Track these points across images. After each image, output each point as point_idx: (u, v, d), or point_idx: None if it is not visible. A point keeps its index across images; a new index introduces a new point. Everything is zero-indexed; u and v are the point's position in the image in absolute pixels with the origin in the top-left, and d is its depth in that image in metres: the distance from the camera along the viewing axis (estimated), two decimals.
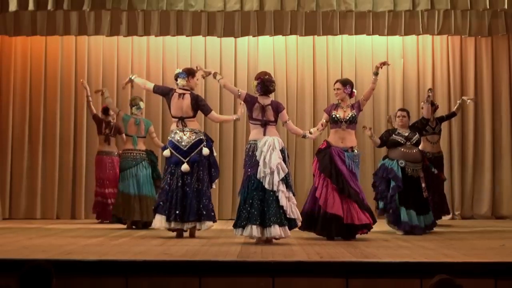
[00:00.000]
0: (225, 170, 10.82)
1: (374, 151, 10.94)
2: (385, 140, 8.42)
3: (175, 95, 7.70)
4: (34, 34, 10.61)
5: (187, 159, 7.55)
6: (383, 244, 6.95)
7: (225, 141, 11.20)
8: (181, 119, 7.67)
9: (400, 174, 8.12)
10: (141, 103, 9.17)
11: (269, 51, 11.31)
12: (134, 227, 8.87)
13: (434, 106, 9.64)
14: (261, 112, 7.10)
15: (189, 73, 7.83)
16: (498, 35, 10.87)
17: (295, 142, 11.00)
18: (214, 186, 7.92)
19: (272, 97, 7.40)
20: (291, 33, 10.65)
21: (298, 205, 7.18)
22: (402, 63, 11.38)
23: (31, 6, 8.93)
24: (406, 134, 8.36)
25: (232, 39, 11.03)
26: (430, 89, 9.14)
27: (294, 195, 7.06)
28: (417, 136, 8.42)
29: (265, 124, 7.09)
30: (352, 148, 7.63)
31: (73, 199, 11.04)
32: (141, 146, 9.04)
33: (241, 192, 7.04)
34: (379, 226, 8.52)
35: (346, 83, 7.81)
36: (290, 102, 11.03)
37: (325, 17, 10.45)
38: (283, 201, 6.86)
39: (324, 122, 7.83)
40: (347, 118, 7.63)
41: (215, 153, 7.83)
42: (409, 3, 8.96)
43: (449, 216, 10.56)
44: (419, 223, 8.13)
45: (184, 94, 7.70)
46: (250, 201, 6.89)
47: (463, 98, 9.90)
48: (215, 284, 5.15)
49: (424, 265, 5.23)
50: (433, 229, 8.37)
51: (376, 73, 7.82)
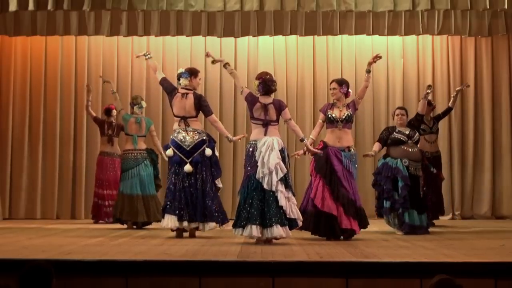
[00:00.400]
0: (225, 170, 10.77)
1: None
2: (385, 138, 8.39)
3: (178, 95, 7.69)
4: (34, 34, 10.60)
5: (190, 159, 7.56)
6: (383, 244, 6.95)
7: (225, 141, 11.12)
8: (184, 119, 7.66)
9: (406, 173, 8.09)
10: (142, 102, 9.18)
11: (269, 51, 11.31)
12: (134, 226, 8.88)
13: (431, 106, 9.64)
14: (263, 111, 7.08)
15: (192, 73, 7.82)
16: (498, 35, 10.87)
17: (295, 142, 10.94)
18: (221, 185, 7.85)
19: (273, 96, 7.40)
20: (291, 33, 10.65)
21: (298, 205, 7.18)
22: (402, 63, 11.39)
23: (31, 6, 8.93)
24: (407, 133, 8.33)
25: (232, 39, 11.03)
26: (429, 86, 9.09)
27: (294, 195, 7.05)
28: (417, 134, 8.41)
29: (266, 124, 7.07)
30: (348, 148, 7.62)
31: (73, 199, 11.04)
32: (141, 145, 9.02)
33: (241, 192, 7.04)
34: (379, 226, 8.53)
35: (342, 82, 7.82)
36: (290, 102, 11.00)
37: (325, 17, 10.44)
38: (282, 201, 6.86)
39: (320, 122, 7.83)
40: (343, 117, 7.62)
41: (217, 153, 7.82)
42: (409, 3, 8.95)
43: (447, 217, 10.55)
44: (421, 223, 8.11)
45: (187, 93, 7.70)
46: (250, 201, 6.89)
47: (456, 89, 9.85)
48: (215, 284, 5.15)
49: (424, 265, 5.23)
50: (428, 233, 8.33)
51: (369, 71, 7.85)
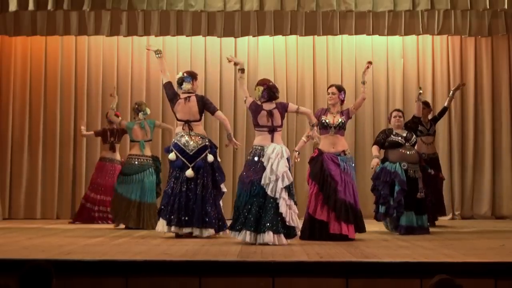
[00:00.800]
0: (225, 170, 10.73)
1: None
2: (382, 141, 8.34)
3: (180, 100, 7.71)
4: (34, 34, 10.59)
5: (192, 164, 7.57)
6: (383, 244, 6.95)
7: (225, 141, 11.13)
8: (188, 123, 7.68)
9: (404, 177, 8.07)
10: (147, 109, 9.16)
11: (269, 51, 11.31)
12: (125, 228, 8.82)
13: (429, 108, 9.63)
14: (269, 117, 7.10)
15: (193, 76, 7.87)
16: (498, 35, 10.86)
17: (295, 145, 10.90)
18: (225, 190, 7.86)
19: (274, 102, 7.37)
20: (291, 33, 10.64)
21: (298, 209, 7.13)
22: (402, 63, 11.38)
23: (31, 6, 8.92)
24: (404, 135, 8.31)
25: (232, 39, 11.02)
26: (420, 87, 9.24)
27: (296, 204, 7.02)
28: (414, 137, 8.40)
29: (273, 130, 7.09)
30: (344, 152, 7.61)
31: (73, 199, 11.02)
32: (148, 152, 9.02)
33: (241, 195, 6.99)
34: (379, 226, 8.52)
35: (341, 89, 7.86)
36: (290, 102, 10.98)
37: (325, 17, 10.44)
38: (283, 209, 6.81)
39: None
40: (336, 124, 7.62)
41: (219, 159, 7.85)
42: (409, 3, 8.95)
43: (447, 217, 10.54)
44: (420, 224, 8.10)
45: (189, 97, 7.72)
46: (249, 206, 6.86)
47: (452, 89, 9.82)
48: (215, 284, 5.15)
49: (424, 265, 5.24)
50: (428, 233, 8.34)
51: (364, 82, 7.90)
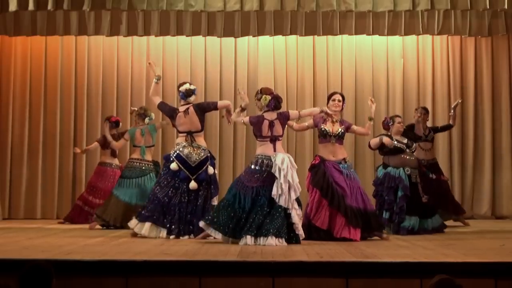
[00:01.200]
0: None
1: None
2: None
3: (180, 114, 7.76)
4: (34, 34, 10.59)
5: (195, 176, 7.62)
6: (383, 244, 6.95)
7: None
8: (190, 134, 7.74)
9: (407, 182, 8.13)
10: (152, 114, 9.15)
11: (269, 51, 11.30)
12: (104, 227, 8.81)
13: (427, 114, 9.58)
14: (269, 128, 7.14)
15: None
16: (498, 35, 10.85)
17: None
18: (215, 203, 7.86)
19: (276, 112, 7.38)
20: (291, 33, 10.63)
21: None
22: (402, 63, 11.38)
23: (31, 6, 8.91)
24: (405, 141, 8.39)
25: (232, 39, 11.02)
26: (416, 109, 9.43)
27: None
28: (415, 145, 8.51)
29: (274, 140, 7.14)
30: (344, 160, 7.62)
31: (73, 199, 10.98)
32: (149, 157, 9.03)
33: (244, 203, 6.98)
34: None
35: (344, 97, 7.90)
36: (290, 102, 10.99)
37: (325, 17, 10.43)
38: (295, 219, 6.95)
39: (305, 125, 7.93)
40: (336, 133, 7.62)
41: (216, 171, 7.93)
42: (409, 3, 8.94)
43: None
44: (425, 227, 8.17)
45: (188, 109, 7.77)
46: (254, 216, 6.91)
47: (452, 107, 9.66)
48: (215, 284, 5.15)
49: (424, 265, 5.24)
50: (443, 231, 8.34)
51: (371, 119, 7.90)
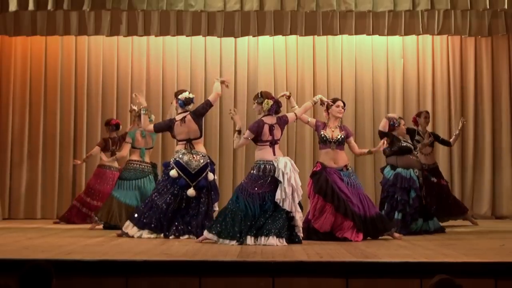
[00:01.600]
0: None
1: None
2: (392, 142, 8.32)
3: (177, 123, 7.78)
4: (34, 34, 10.59)
5: (194, 183, 7.64)
6: (383, 244, 6.95)
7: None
8: (189, 141, 7.76)
9: (418, 184, 8.17)
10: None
11: (269, 51, 11.30)
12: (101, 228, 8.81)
13: (428, 119, 9.58)
14: (270, 132, 7.18)
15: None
16: (498, 35, 10.86)
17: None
18: (217, 208, 7.91)
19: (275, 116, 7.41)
20: (291, 33, 10.63)
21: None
22: (402, 63, 11.38)
23: (31, 6, 8.92)
24: (410, 142, 8.46)
25: (232, 39, 11.02)
26: (421, 113, 9.53)
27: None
28: (418, 147, 8.66)
29: (274, 144, 7.19)
30: (346, 167, 7.62)
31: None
32: (147, 159, 9.04)
33: (248, 208, 7.01)
34: None
35: (345, 105, 7.93)
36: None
37: (325, 17, 10.43)
38: (299, 222, 7.03)
39: (308, 120, 7.88)
40: (336, 139, 7.62)
41: (216, 177, 7.94)
42: (409, 3, 8.95)
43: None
44: (427, 229, 8.20)
45: (184, 117, 7.78)
46: (262, 219, 6.94)
47: (459, 128, 9.65)
48: (215, 284, 5.15)
49: (424, 265, 5.24)
50: (444, 232, 8.34)
51: (370, 152, 8.04)
